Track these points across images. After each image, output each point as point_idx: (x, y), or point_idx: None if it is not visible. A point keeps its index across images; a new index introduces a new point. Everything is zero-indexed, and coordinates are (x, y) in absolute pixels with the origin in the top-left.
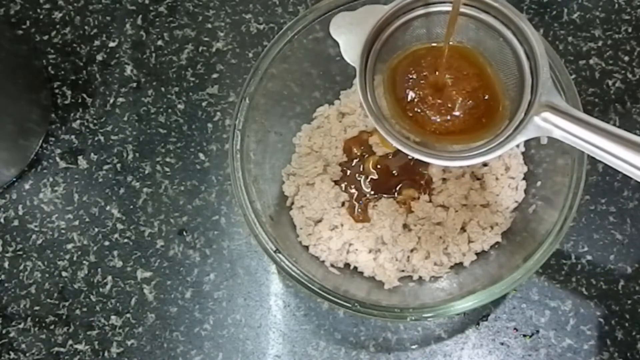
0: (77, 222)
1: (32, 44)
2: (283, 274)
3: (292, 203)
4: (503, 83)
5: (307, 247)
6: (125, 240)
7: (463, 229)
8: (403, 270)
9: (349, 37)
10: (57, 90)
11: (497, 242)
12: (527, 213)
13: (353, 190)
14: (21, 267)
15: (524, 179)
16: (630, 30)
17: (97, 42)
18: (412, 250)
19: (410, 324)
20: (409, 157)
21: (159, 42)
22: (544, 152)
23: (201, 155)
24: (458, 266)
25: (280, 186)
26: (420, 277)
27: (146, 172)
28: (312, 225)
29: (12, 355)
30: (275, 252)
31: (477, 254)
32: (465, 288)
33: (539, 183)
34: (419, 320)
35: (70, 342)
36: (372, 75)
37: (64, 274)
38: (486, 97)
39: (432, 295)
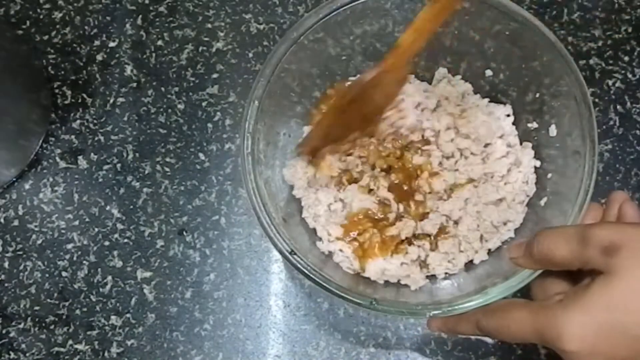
0: (77, 222)
1: (32, 44)
2: (283, 274)
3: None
4: None
5: (321, 250)
6: (125, 240)
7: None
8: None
9: None
10: (57, 90)
11: (510, 237)
12: (539, 207)
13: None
14: (21, 267)
15: (534, 172)
16: (630, 30)
17: (97, 42)
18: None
19: (410, 323)
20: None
21: (159, 42)
22: (554, 145)
23: (201, 155)
24: (471, 262)
25: (290, 187)
26: (434, 275)
27: (146, 172)
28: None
29: (12, 355)
30: (290, 253)
31: (490, 249)
32: (479, 284)
33: (549, 175)
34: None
35: (70, 342)
36: None
37: (64, 274)
38: None
39: (446, 292)
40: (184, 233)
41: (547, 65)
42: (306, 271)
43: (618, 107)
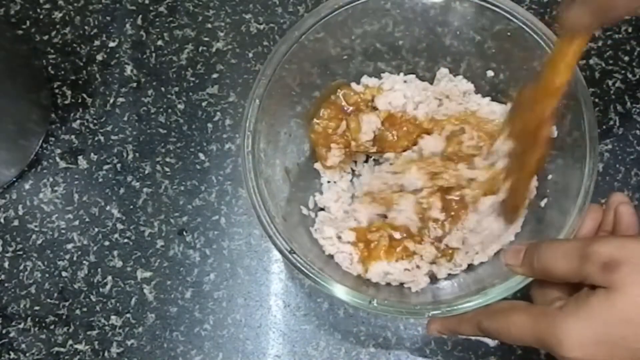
0: (77, 222)
1: (32, 44)
2: (283, 274)
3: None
4: None
5: (322, 250)
6: (125, 240)
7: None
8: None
9: None
10: (57, 90)
11: (510, 240)
12: (539, 208)
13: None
14: (21, 267)
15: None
16: (630, 30)
17: (97, 42)
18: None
19: (409, 323)
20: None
21: (159, 42)
22: (554, 146)
23: (201, 155)
24: (471, 263)
25: (290, 186)
26: (436, 277)
27: (146, 172)
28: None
29: (12, 355)
30: (290, 252)
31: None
32: (479, 284)
33: (549, 176)
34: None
35: (70, 342)
36: None
37: (64, 274)
38: None
39: (445, 292)
40: (184, 233)
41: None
42: (305, 270)
43: (618, 107)
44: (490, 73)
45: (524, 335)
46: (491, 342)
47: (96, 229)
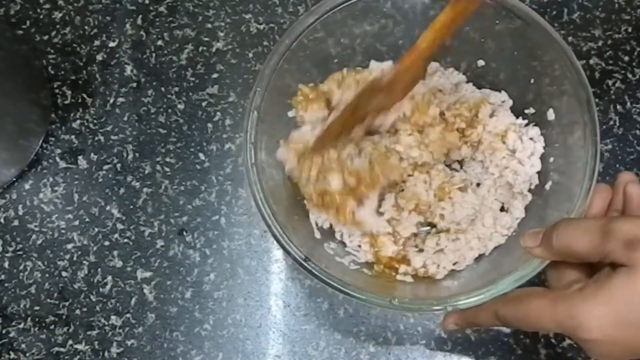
0: (77, 222)
1: (32, 44)
2: (283, 274)
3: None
4: None
5: (329, 253)
6: (125, 240)
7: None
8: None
9: None
10: (57, 90)
11: (521, 218)
12: (544, 192)
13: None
14: (21, 267)
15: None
16: (630, 30)
17: (97, 42)
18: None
19: (409, 323)
20: None
21: (159, 42)
22: (554, 130)
23: (201, 155)
24: (480, 256)
25: (294, 194)
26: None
27: (146, 172)
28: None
29: (12, 355)
30: (305, 260)
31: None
32: (487, 277)
33: (552, 159)
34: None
35: (70, 342)
36: None
37: (64, 274)
38: None
39: (458, 284)
40: (184, 233)
41: (547, 61)
42: (322, 276)
43: (618, 107)
44: (481, 62)
45: (544, 320)
46: (490, 341)
47: (96, 229)
